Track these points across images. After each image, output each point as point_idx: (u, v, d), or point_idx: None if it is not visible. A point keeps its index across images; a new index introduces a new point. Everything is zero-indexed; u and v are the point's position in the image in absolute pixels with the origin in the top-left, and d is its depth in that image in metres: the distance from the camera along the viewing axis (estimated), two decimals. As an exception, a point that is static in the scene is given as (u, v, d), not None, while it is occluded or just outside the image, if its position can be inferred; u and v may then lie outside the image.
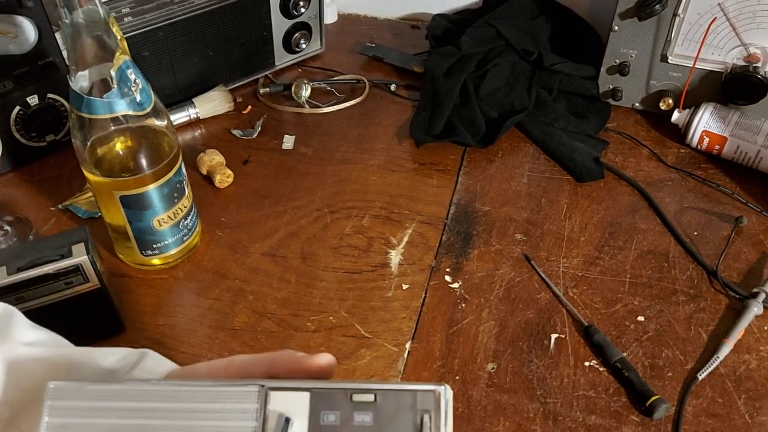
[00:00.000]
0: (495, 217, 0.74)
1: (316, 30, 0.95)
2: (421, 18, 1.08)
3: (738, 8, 0.75)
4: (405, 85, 0.93)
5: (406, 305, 0.65)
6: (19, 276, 0.55)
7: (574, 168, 0.79)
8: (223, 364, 0.35)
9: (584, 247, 0.70)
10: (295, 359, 0.34)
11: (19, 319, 0.39)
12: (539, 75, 0.89)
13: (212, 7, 0.82)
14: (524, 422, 0.55)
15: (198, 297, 0.65)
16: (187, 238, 0.67)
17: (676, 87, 0.83)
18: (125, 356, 0.38)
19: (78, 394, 0.30)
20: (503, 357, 0.60)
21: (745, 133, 0.77)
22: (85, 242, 0.57)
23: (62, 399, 0.30)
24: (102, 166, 0.59)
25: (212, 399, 0.30)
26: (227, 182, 0.77)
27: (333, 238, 0.71)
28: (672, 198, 0.76)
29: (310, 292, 0.66)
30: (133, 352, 0.38)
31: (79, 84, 0.54)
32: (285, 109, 0.89)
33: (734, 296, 0.65)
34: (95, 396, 0.30)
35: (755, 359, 0.60)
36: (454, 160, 0.81)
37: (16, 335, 0.38)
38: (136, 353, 0.38)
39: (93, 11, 0.51)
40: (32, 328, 0.39)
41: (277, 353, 0.34)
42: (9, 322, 0.38)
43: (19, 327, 0.38)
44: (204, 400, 0.30)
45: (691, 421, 0.55)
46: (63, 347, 0.39)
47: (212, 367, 0.35)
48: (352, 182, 0.78)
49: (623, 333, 0.62)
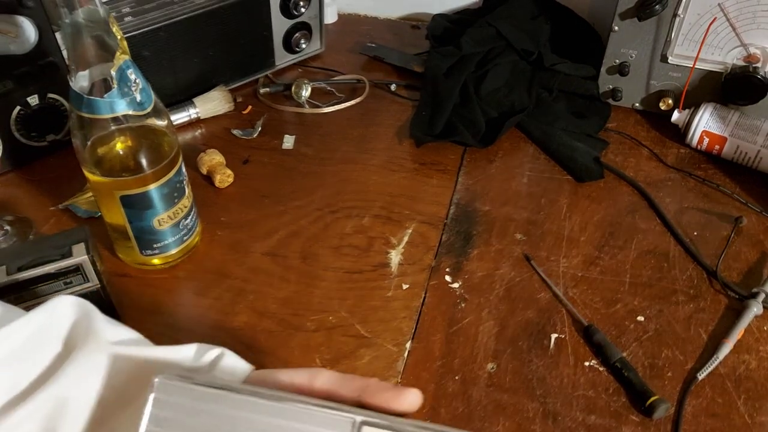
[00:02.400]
0: (495, 216, 0.74)
1: (317, 30, 0.95)
2: (422, 18, 1.08)
3: (738, 8, 0.75)
4: (405, 85, 0.94)
5: (406, 305, 0.65)
6: (19, 276, 0.55)
7: (574, 168, 0.79)
8: (305, 378, 0.35)
9: (584, 247, 0.70)
10: (388, 388, 0.34)
11: (99, 315, 0.39)
12: (539, 75, 0.89)
13: (213, 7, 0.82)
14: (524, 422, 0.55)
15: (198, 297, 0.65)
16: (187, 237, 0.67)
17: (676, 87, 0.83)
18: (204, 354, 0.38)
19: (183, 392, 0.31)
20: (503, 357, 0.60)
21: (745, 133, 0.77)
22: (85, 242, 0.57)
23: (168, 394, 0.31)
24: (102, 165, 0.59)
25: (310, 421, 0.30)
26: (227, 182, 0.77)
27: (333, 238, 0.71)
28: (672, 198, 0.76)
29: (311, 291, 0.66)
30: (211, 351, 0.38)
31: (79, 84, 0.54)
32: (285, 109, 0.89)
33: (734, 296, 0.65)
34: (200, 397, 0.31)
35: (755, 359, 0.60)
36: (454, 159, 0.81)
37: (101, 333, 0.37)
38: (214, 352, 0.38)
39: (93, 11, 0.51)
40: (112, 324, 0.39)
41: (368, 382, 0.34)
42: (91, 320, 0.38)
43: (101, 324, 0.38)
44: (302, 420, 0.30)
45: (691, 421, 0.55)
46: (142, 344, 0.39)
47: (294, 377, 0.35)
48: (353, 182, 0.78)
49: (623, 333, 0.62)
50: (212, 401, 0.31)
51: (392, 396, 0.33)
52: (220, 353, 0.38)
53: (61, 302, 0.38)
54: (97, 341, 0.37)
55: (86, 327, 0.37)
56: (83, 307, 0.39)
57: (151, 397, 0.31)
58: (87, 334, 0.37)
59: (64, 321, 0.38)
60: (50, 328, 0.37)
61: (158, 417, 0.31)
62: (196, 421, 0.31)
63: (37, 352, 0.36)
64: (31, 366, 0.36)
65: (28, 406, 0.34)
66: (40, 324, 0.37)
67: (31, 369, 0.36)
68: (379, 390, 0.34)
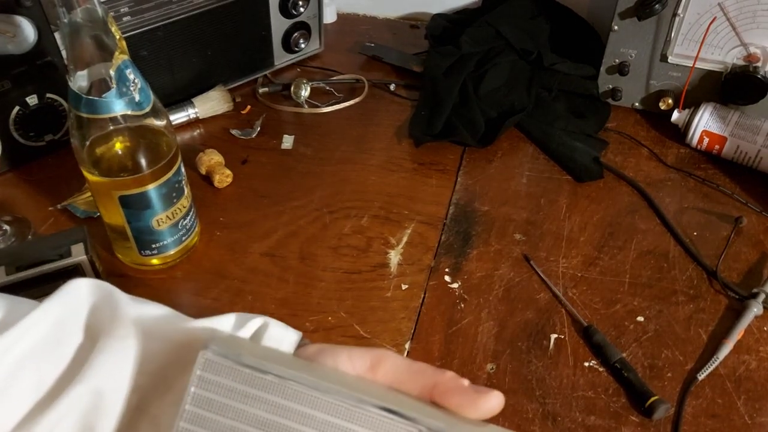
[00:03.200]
0: (494, 217, 0.74)
1: (315, 30, 0.95)
2: (421, 18, 1.08)
3: (738, 8, 0.75)
4: (404, 84, 0.93)
5: (405, 305, 0.64)
6: (18, 276, 0.55)
7: (574, 168, 0.79)
8: (368, 362, 0.31)
9: (584, 247, 0.70)
10: (462, 391, 0.30)
11: (121, 296, 0.35)
12: (539, 75, 0.89)
13: (211, 7, 0.82)
14: (523, 422, 0.55)
15: (197, 297, 0.65)
16: (185, 238, 0.67)
17: (675, 87, 0.83)
18: (244, 324, 0.35)
19: (231, 373, 0.28)
20: (502, 357, 0.60)
21: (745, 133, 0.77)
22: (84, 242, 0.57)
23: (214, 373, 0.28)
24: (101, 165, 0.59)
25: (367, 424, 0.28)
26: (226, 182, 0.77)
27: (332, 238, 0.71)
28: (672, 198, 0.76)
29: (309, 292, 0.66)
30: (252, 321, 0.35)
31: (77, 84, 0.54)
32: (284, 109, 0.89)
33: (734, 296, 0.65)
34: (248, 381, 0.28)
35: (755, 360, 0.60)
36: (453, 160, 0.81)
37: (127, 315, 0.34)
38: (256, 322, 0.35)
39: (91, 11, 0.51)
40: (138, 303, 0.36)
41: (440, 378, 0.30)
42: (114, 302, 0.35)
43: (126, 304, 0.35)
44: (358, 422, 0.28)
45: (691, 422, 0.55)
46: (176, 321, 0.35)
47: (356, 361, 0.32)
48: (352, 182, 0.78)
49: (623, 333, 0.62)
50: (264, 389, 0.28)
51: (468, 402, 0.30)
52: (263, 323, 0.35)
53: (77, 286, 0.35)
54: (124, 325, 0.34)
55: (110, 310, 0.35)
56: (103, 289, 0.36)
57: (195, 374, 0.28)
58: (112, 318, 0.34)
59: (83, 307, 0.35)
60: (69, 318, 0.35)
61: (202, 398, 0.28)
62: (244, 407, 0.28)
63: (59, 345, 0.34)
64: (57, 361, 0.33)
65: (61, 405, 0.32)
66: (57, 315, 0.34)
67: (56, 365, 0.33)
68: (453, 392, 0.30)
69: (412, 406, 0.29)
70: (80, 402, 0.32)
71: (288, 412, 0.28)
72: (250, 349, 0.31)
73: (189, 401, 0.28)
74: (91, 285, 0.36)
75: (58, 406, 0.32)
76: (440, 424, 0.27)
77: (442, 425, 0.27)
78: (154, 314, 0.35)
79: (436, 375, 0.30)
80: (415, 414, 0.27)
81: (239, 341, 0.33)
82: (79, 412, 0.32)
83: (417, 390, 0.30)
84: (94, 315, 0.35)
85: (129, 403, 0.33)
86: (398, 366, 0.31)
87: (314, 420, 0.28)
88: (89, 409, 0.32)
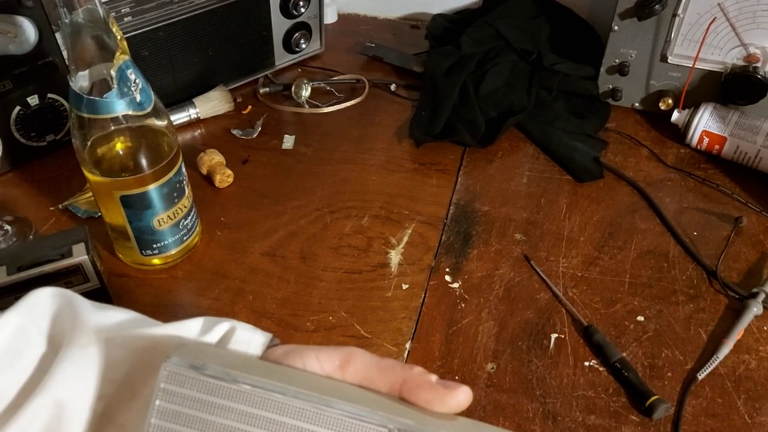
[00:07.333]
0: (494, 217, 0.74)
1: (316, 30, 0.95)
2: (421, 18, 1.08)
3: (738, 8, 0.75)
4: (405, 84, 0.94)
5: (406, 305, 0.65)
6: (19, 276, 0.55)
7: (574, 168, 0.79)
8: (336, 362, 0.31)
9: (584, 247, 0.70)
10: (430, 386, 0.30)
11: (83, 303, 0.35)
12: (539, 75, 0.89)
13: (212, 7, 0.82)
14: (523, 422, 0.55)
15: (197, 297, 0.65)
16: (186, 237, 0.67)
17: (675, 87, 0.83)
18: (212, 328, 0.34)
19: (195, 384, 0.28)
20: (503, 357, 0.60)
21: (744, 133, 0.77)
22: (85, 242, 0.57)
23: (178, 384, 0.28)
24: (102, 165, 0.59)
25: (336, 427, 0.27)
26: (227, 182, 0.77)
27: (332, 238, 0.71)
28: (672, 198, 0.76)
29: (310, 292, 0.66)
30: (220, 325, 0.34)
31: (79, 84, 0.54)
32: (285, 109, 0.89)
33: (734, 296, 0.65)
34: (213, 391, 0.28)
35: (755, 359, 0.60)
36: (453, 160, 0.81)
37: (89, 322, 0.33)
38: (224, 326, 0.34)
39: (93, 11, 0.51)
40: (100, 309, 0.35)
41: (410, 372, 0.30)
42: (75, 309, 0.34)
43: (88, 311, 0.34)
44: (327, 425, 0.27)
45: (691, 422, 0.55)
46: (141, 326, 0.35)
47: (324, 361, 0.31)
48: (352, 182, 0.78)
49: (623, 333, 0.62)
50: (231, 398, 0.28)
51: (436, 397, 0.30)
52: (230, 327, 0.34)
53: (38, 295, 0.35)
54: (85, 333, 0.33)
55: (71, 318, 0.34)
56: (64, 297, 0.35)
57: (158, 387, 0.28)
58: (73, 326, 0.33)
59: (44, 316, 0.34)
60: (30, 327, 0.34)
61: (167, 410, 0.28)
62: (212, 418, 0.28)
63: (20, 356, 0.33)
64: (18, 373, 0.33)
65: (22, 418, 0.31)
66: (17, 324, 0.33)
67: (16, 376, 0.33)
68: (421, 387, 0.30)
69: (381, 404, 0.29)
70: (42, 414, 0.31)
71: (255, 419, 0.28)
72: (215, 356, 0.31)
73: (154, 414, 0.28)
74: (53, 293, 0.35)
75: (19, 419, 0.31)
76: (409, 421, 0.27)
77: (410, 422, 0.27)
78: (117, 320, 0.35)
79: (404, 371, 0.30)
80: (384, 413, 0.27)
81: (204, 348, 0.33)
82: (41, 423, 0.31)
83: (386, 387, 0.30)
84: (56, 324, 0.34)
85: (94, 413, 0.32)
86: (366, 364, 0.31)
87: (283, 426, 0.28)
88: (52, 420, 0.31)
